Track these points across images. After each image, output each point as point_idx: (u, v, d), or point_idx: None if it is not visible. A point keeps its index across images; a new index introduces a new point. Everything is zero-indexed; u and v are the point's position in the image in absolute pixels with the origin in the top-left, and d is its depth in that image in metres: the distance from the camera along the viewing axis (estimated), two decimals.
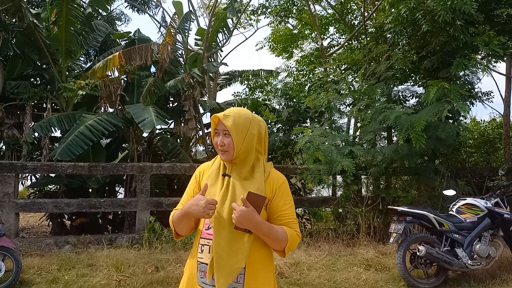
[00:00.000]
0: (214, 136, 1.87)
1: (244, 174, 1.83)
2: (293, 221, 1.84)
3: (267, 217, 1.83)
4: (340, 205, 7.72)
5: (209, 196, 1.82)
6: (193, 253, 1.88)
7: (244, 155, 1.84)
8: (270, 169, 1.89)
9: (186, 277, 1.88)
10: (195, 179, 1.97)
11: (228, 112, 1.84)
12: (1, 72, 8.31)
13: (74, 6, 8.35)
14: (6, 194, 6.71)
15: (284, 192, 1.86)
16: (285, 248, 1.79)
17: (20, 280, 4.96)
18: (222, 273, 1.70)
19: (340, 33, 12.44)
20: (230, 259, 1.71)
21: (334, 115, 8.36)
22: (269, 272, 1.85)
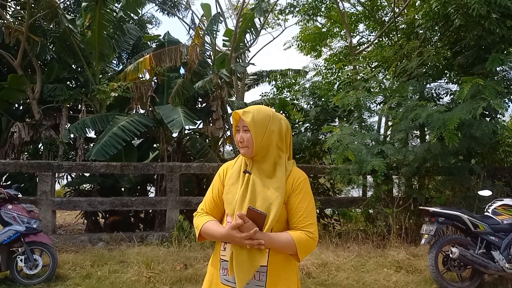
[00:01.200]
0: (235, 133, 1.89)
1: (265, 171, 1.83)
2: (308, 220, 1.81)
3: (286, 214, 1.83)
4: (370, 206, 7.58)
5: (230, 194, 1.84)
6: (216, 252, 1.90)
7: (265, 152, 1.84)
8: (292, 167, 1.89)
9: (209, 275, 1.90)
10: (219, 177, 1.98)
11: (248, 109, 1.86)
12: (39, 76, 8.68)
13: (107, 10, 8.63)
14: (43, 192, 7.01)
15: (303, 189, 1.85)
16: (296, 253, 1.76)
17: (56, 274, 5.16)
18: (242, 269, 1.71)
19: (370, 30, 12.21)
20: (250, 255, 1.71)
21: (363, 114, 8.22)
22: (292, 272, 1.84)
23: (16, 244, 4.99)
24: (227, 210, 1.85)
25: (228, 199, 1.84)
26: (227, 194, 1.86)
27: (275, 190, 1.79)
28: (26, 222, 4.98)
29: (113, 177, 8.42)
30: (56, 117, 8.89)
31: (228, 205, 1.84)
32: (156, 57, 8.39)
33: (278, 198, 1.78)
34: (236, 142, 1.88)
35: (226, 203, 1.86)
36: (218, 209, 1.93)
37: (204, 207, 1.95)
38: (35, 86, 8.56)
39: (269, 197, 1.78)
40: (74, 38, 8.52)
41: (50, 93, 8.68)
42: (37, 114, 8.52)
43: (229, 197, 1.84)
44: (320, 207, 8.05)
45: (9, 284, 4.95)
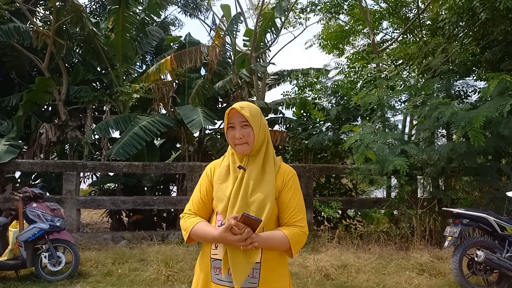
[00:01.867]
0: (228, 131, 1.86)
1: (258, 166, 1.84)
2: (299, 215, 1.84)
3: (277, 209, 1.84)
4: (393, 207, 7.41)
5: (220, 192, 1.82)
6: (205, 252, 1.85)
7: (259, 146, 1.86)
8: (281, 163, 1.92)
9: (198, 275, 1.87)
10: (206, 176, 1.94)
11: (242, 104, 1.85)
12: (65, 78, 8.94)
13: (129, 13, 8.79)
14: (68, 191, 7.22)
15: (293, 185, 1.87)
16: (290, 249, 1.79)
17: (78, 271, 5.29)
18: (238, 268, 1.71)
19: (394, 27, 11.93)
20: (245, 253, 1.71)
21: (387, 113, 8.04)
22: (284, 267, 1.87)
23: (40, 242, 5.14)
24: (218, 208, 1.82)
25: (219, 197, 1.82)
26: (217, 192, 1.84)
27: (267, 186, 1.80)
28: (50, 220, 5.13)
29: (136, 176, 8.57)
30: (81, 118, 9.13)
31: (219, 203, 1.81)
32: (177, 58, 8.48)
33: (271, 194, 1.79)
34: (231, 139, 1.85)
35: (217, 201, 1.83)
36: (206, 208, 1.91)
37: (192, 207, 1.91)
38: (61, 88, 8.82)
39: (262, 194, 1.78)
40: (98, 41, 8.72)
41: (75, 94, 8.92)
42: (63, 115, 8.77)
43: (220, 195, 1.82)
44: (342, 208, 7.94)
45: (34, 280, 5.11)
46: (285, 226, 1.83)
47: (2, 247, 5.09)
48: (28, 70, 9.58)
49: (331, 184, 8.78)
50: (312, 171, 7.92)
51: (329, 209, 7.34)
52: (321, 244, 6.70)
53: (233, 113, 1.84)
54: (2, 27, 7.82)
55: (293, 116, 10.12)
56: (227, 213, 1.76)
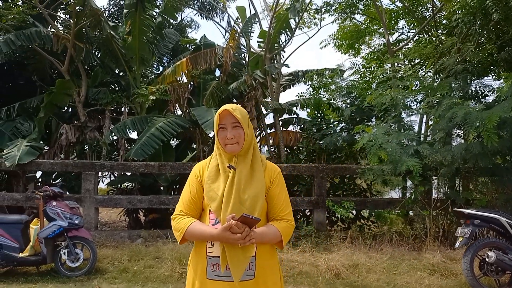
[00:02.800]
0: (218, 132, 1.95)
1: (247, 165, 1.94)
2: (287, 209, 1.99)
3: (266, 205, 1.96)
4: (407, 207, 7.38)
5: (212, 192, 1.91)
6: (199, 250, 1.93)
7: (248, 147, 1.96)
8: (266, 161, 2.04)
9: (192, 273, 1.95)
10: (195, 177, 2.01)
11: (233, 107, 1.96)
12: (85, 80, 9.21)
13: (146, 16, 9.00)
14: (87, 190, 7.45)
15: (280, 181, 2.01)
16: (280, 241, 1.94)
17: (96, 268, 5.48)
18: (236, 263, 1.81)
19: (410, 26, 11.82)
20: (242, 249, 1.81)
21: (401, 113, 8.00)
22: (275, 259, 2.02)
23: (60, 239, 5.36)
24: (211, 207, 1.90)
25: (211, 197, 1.90)
26: (208, 192, 1.92)
27: (258, 183, 1.91)
28: (68, 218, 5.34)
29: (153, 176, 8.76)
30: (100, 119, 9.38)
31: (212, 202, 1.89)
32: (192, 60, 8.64)
33: (261, 191, 1.91)
34: (221, 139, 1.94)
35: (209, 200, 1.91)
36: (197, 208, 1.98)
37: (183, 208, 1.97)
38: (80, 90, 9.09)
39: (254, 192, 1.89)
40: (116, 44, 8.95)
41: (94, 96, 9.18)
42: (82, 117, 9.04)
43: (212, 194, 1.90)
44: (355, 208, 7.95)
45: (54, 276, 5.33)
46: (275, 220, 1.97)
47: (24, 243, 5.33)
48: (49, 73, 9.90)
49: (345, 184, 8.79)
50: (325, 171, 7.95)
51: (341, 209, 7.37)
52: (333, 244, 6.74)
53: (224, 114, 1.94)
54: (24, 31, 8.11)
55: (307, 116, 10.17)
56: (222, 212, 1.86)
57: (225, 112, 1.93)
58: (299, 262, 5.67)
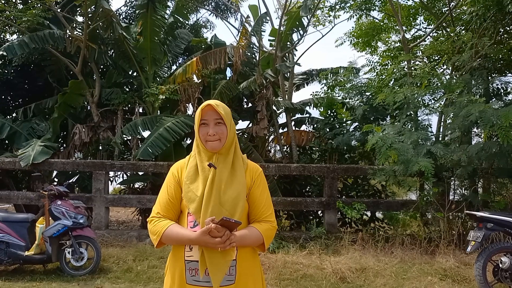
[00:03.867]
0: (199, 127, 1.87)
1: (228, 164, 1.86)
2: (269, 211, 1.92)
3: (247, 207, 1.88)
4: (420, 209, 7.13)
5: (191, 193, 1.82)
6: (176, 253, 1.84)
7: (230, 145, 1.88)
8: (248, 161, 1.96)
9: (170, 278, 1.86)
10: (173, 177, 1.92)
11: (217, 102, 1.88)
12: (98, 81, 9.33)
13: (157, 17, 9.03)
14: (97, 190, 7.53)
15: (262, 182, 1.94)
16: (262, 244, 1.86)
17: (100, 267, 5.50)
18: (216, 267, 1.72)
19: (428, 22, 11.46)
20: (221, 252, 1.72)
21: (416, 111, 7.73)
22: (257, 262, 1.94)
23: (64, 238, 5.41)
24: (190, 209, 1.82)
25: (190, 198, 1.82)
26: (187, 193, 1.83)
27: (239, 184, 1.83)
28: (73, 217, 5.37)
29: (163, 175, 8.77)
30: (113, 119, 9.48)
31: (191, 204, 1.81)
32: (202, 59, 8.61)
33: (242, 192, 1.83)
34: (203, 136, 1.86)
35: (188, 202, 1.82)
36: (174, 210, 1.89)
37: (160, 210, 1.88)
38: (94, 91, 9.21)
39: (234, 193, 1.80)
40: (128, 45, 9.02)
41: (107, 97, 9.29)
42: (95, 117, 9.16)
43: (190, 195, 1.82)
44: (366, 210, 7.73)
45: (59, 274, 5.38)
46: (256, 222, 1.89)
47: (30, 242, 5.40)
48: (65, 74, 10.07)
49: (358, 185, 8.57)
50: (336, 171, 7.77)
51: (351, 210, 7.17)
52: (343, 246, 6.56)
53: (207, 109, 1.86)
54: (38, 33, 8.27)
55: (320, 116, 9.99)
56: (201, 213, 1.77)
57: (208, 107, 1.85)
58: (304, 264, 5.53)
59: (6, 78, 9.35)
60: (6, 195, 7.66)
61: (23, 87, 9.94)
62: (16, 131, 8.78)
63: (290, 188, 8.55)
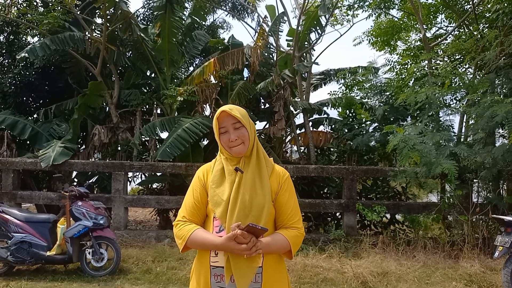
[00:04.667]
0: (220, 136, 1.84)
1: (254, 168, 1.82)
2: (296, 217, 1.87)
3: (274, 212, 1.84)
4: (443, 212, 6.96)
5: (217, 197, 1.78)
6: (202, 259, 1.82)
7: (252, 147, 1.85)
8: (273, 164, 1.92)
9: (195, 283, 1.84)
10: (199, 181, 1.91)
11: (230, 107, 1.85)
12: (117, 82, 9.41)
13: (175, 18, 9.07)
14: (117, 190, 7.58)
15: (289, 186, 1.89)
16: (289, 251, 1.82)
17: (120, 268, 5.53)
18: (241, 274, 1.69)
19: (449, 20, 11.20)
20: (247, 259, 1.69)
21: (438, 112, 7.55)
22: (284, 270, 1.88)
23: (85, 238, 5.45)
24: (216, 213, 1.79)
25: (216, 202, 1.79)
26: (213, 197, 1.81)
27: (264, 189, 1.79)
28: (93, 218, 5.41)
29: (181, 176, 8.80)
30: (131, 120, 9.55)
31: (217, 208, 1.78)
32: (219, 60, 8.59)
33: (268, 197, 1.79)
34: (225, 143, 1.83)
35: (214, 206, 1.80)
36: (200, 214, 1.88)
37: (186, 214, 1.86)
38: (113, 92, 9.30)
39: (260, 198, 1.77)
40: (146, 46, 9.08)
41: (126, 98, 9.36)
42: (115, 118, 9.24)
43: (216, 199, 1.79)
44: (387, 212, 7.59)
45: (80, 275, 5.42)
46: (283, 228, 1.85)
47: (52, 242, 5.46)
48: (84, 75, 10.20)
49: (378, 187, 8.43)
50: (355, 173, 7.65)
51: (372, 213, 7.05)
52: (363, 249, 6.45)
53: (222, 116, 1.83)
54: (59, 35, 8.38)
55: (338, 116, 9.87)
56: (227, 218, 1.74)
57: (223, 114, 1.82)
58: (324, 268, 5.44)
59: (27, 80, 9.50)
60: (28, 195, 7.79)
61: (44, 88, 10.09)
62: (37, 132, 8.92)
63: (308, 189, 8.46)
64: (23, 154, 8.84)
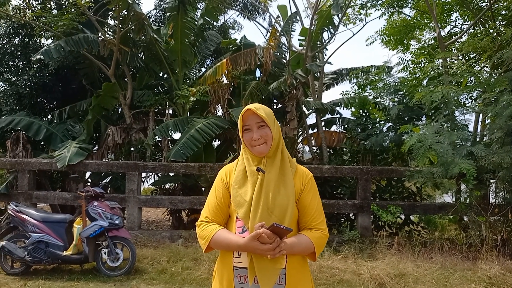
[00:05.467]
0: (243, 134, 1.83)
1: (276, 168, 1.81)
2: (320, 218, 1.86)
3: (297, 212, 1.83)
4: (460, 213, 6.85)
5: (240, 197, 1.77)
6: (225, 259, 1.81)
7: (276, 147, 1.84)
8: (297, 165, 1.91)
9: (218, 285, 1.83)
10: (221, 181, 1.90)
11: (256, 105, 1.84)
12: (130, 83, 9.47)
13: (188, 19, 9.09)
14: (131, 190, 7.62)
15: (312, 187, 1.89)
16: (313, 253, 1.81)
17: (135, 268, 5.55)
18: (265, 275, 1.68)
19: (464, 18, 11.05)
20: (271, 260, 1.68)
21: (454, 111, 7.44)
22: (307, 271, 1.87)
23: (101, 238, 5.48)
24: (239, 214, 1.78)
25: (239, 202, 1.78)
26: (235, 197, 1.80)
27: (288, 189, 1.77)
28: (109, 218, 5.44)
29: (194, 177, 8.81)
30: (144, 121, 9.60)
31: (239, 208, 1.77)
32: (232, 60, 8.59)
33: (292, 198, 1.77)
34: (248, 141, 1.82)
35: (237, 207, 1.79)
36: (223, 214, 1.87)
37: (208, 214, 1.86)
38: (126, 93, 9.35)
39: (284, 198, 1.75)
40: (159, 47, 9.11)
41: (139, 98, 9.41)
42: (128, 119, 9.29)
43: (239, 200, 1.78)
44: (402, 213, 7.50)
45: (96, 274, 5.45)
46: (306, 229, 1.83)
47: (68, 242, 5.50)
48: (98, 76, 10.28)
49: (392, 187, 8.33)
50: (370, 173, 7.58)
51: (387, 214, 6.97)
52: (378, 250, 6.38)
53: (248, 114, 1.82)
54: (73, 37, 8.46)
55: (351, 116, 9.79)
56: (250, 219, 1.73)
57: (249, 112, 1.82)
58: (340, 269, 5.39)
59: (42, 81, 9.61)
60: (43, 195, 7.87)
61: (58, 90, 10.20)
62: (52, 132, 9.01)
63: (321, 190, 8.40)
64: (38, 154, 8.94)
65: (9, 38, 10.36)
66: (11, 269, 5.47)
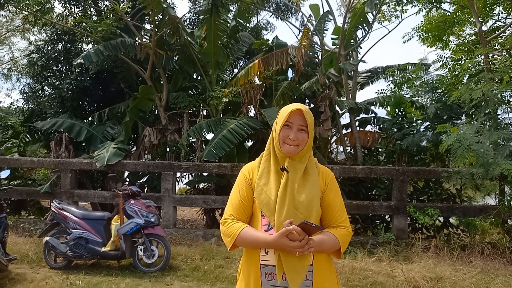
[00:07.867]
0: (281, 128, 1.82)
1: (301, 169, 1.82)
2: (343, 215, 1.89)
3: (321, 211, 1.85)
4: (502, 216, 6.54)
5: (264, 195, 1.79)
6: (251, 257, 1.82)
7: (306, 151, 1.86)
8: (319, 165, 1.93)
9: (245, 283, 1.84)
10: (244, 179, 1.91)
11: (306, 109, 1.85)
12: (166, 85, 9.71)
13: (220, 21, 9.22)
14: (166, 189, 7.82)
15: (334, 186, 1.91)
16: (338, 250, 1.83)
17: (169, 265, 5.69)
18: (293, 272, 1.70)
19: (508, 12, 10.54)
20: (298, 257, 1.69)
21: (496, 109, 7.10)
22: (332, 269, 1.89)
23: (137, 235, 5.66)
24: (264, 211, 1.80)
25: (263, 200, 1.79)
26: (260, 195, 1.81)
27: (313, 188, 1.79)
28: (145, 216, 5.61)
29: (227, 177, 8.92)
30: (179, 122, 9.83)
31: (264, 206, 1.78)
32: (264, 61, 8.63)
33: (317, 196, 1.79)
34: (283, 137, 1.82)
35: (262, 204, 1.80)
36: (246, 212, 1.88)
37: (233, 211, 1.87)
38: (162, 95, 9.61)
39: (309, 196, 1.76)
40: (193, 50, 9.30)
41: (174, 100, 9.65)
42: (163, 120, 9.54)
43: (264, 197, 1.79)
44: (440, 215, 7.25)
45: (132, 270, 5.64)
46: (331, 227, 1.85)
47: (106, 238, 5.72)
48: (135, 79, 10.62)
49: (430, 189, 8.07)
50: (406, 174, 7.38)
51: (424, 216, 6.76)
52: (414, 253, 6.20)
53: (296, 113, 1.82)
54: (112, 42, 8.79)
55: (386, 115, 9.57)
56: (276, 216, 1.75)
57: (297, 112, 1.82)
58: (373, 271, 5.29)
59: (83, 85, 10.05)
60: (84, 194, 8.23)
61: (98, 93, 10.63)
62: (92, 134, 9.40)
63: (355, 190, 8.27)
64: (80, 155, 9.35)
65: (53, 44, 10.93)
66: (55, 263, 5.76)
